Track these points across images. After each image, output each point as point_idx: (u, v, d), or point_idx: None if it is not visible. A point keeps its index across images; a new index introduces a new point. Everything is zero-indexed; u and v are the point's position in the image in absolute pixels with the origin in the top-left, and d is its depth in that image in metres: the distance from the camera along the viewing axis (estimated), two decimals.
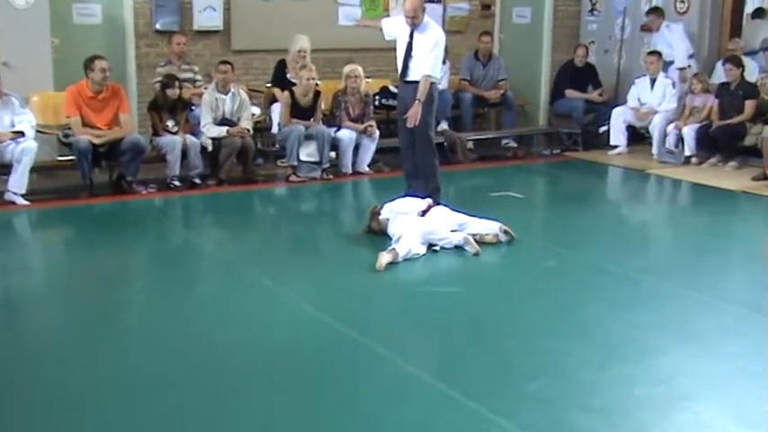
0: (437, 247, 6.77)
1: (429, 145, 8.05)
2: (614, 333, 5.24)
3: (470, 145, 11.42)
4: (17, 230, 7.98)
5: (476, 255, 6.59)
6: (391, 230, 6.96)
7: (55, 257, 7.24)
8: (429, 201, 7.27)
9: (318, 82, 10.66)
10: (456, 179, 9.70)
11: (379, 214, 7.09)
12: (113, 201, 8.71)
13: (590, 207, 8.79)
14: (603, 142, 11.63)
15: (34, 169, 9.05)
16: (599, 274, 6.38)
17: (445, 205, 7.41)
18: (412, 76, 7.90)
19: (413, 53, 7.88)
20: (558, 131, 12.09)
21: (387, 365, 4.70)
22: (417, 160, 8.08)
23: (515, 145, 11.83)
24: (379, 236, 7.04)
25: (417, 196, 7.46)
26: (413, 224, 6.85)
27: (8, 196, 8.34)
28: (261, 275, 6.16)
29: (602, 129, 11.76)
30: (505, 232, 7.14)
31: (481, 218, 7.23)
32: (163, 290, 6.13)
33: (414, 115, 7.75)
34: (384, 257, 6.35)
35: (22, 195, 8.34)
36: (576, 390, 4.45)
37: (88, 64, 8.70)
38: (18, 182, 8.30)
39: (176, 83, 9.14)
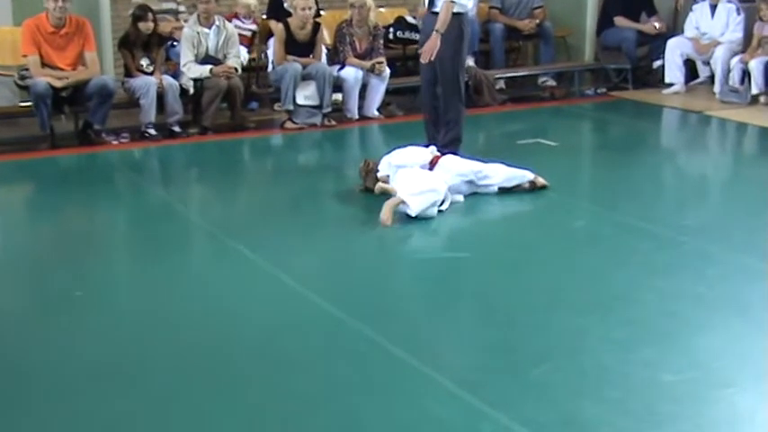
0: (444, 207, 6.56)
1: (456, 88, 7.70)
2: (645, 306, 5.02)
3: (501, 84, 11.19)
4: None
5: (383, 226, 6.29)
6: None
7: (3, 220, 7.13)
8: (433, 149, 7.04)
9: (323, 12, 10.49)
10: (481, 124, 9.47)
11: (377, 171, 6.88)
12: (78, 153, 8.61)
13: (635, 156, 8.50)
14: (659, 79, 11.32)
15: None
16: (635, 236, 6.14)
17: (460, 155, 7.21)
18: (438, 7, 7.54)
19: None
20: (604, 67, 11.76)
21: (369, 347, 4.51)
22: (440, 105, 7.82)
23: (554, 84, 11.54)
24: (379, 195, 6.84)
25: (420, 145, 7.24)
26: (419, 178, 6.63)
27: None
28: (239, 243, 5.96)
29: (657, 63, 11.46)
30: (532, 183, 6.97)
31: (509, 166, 7.05)
32: (128, 260, 6.03)
33: (430, 49, 7.41)
34: (388, 208, 6.25)
35: None
36: (590, 375, 4.25)
37: None
38: None
39: (149, 15, 8.95)
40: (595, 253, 5.90)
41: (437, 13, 7.51)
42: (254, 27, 10.18)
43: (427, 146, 7.19)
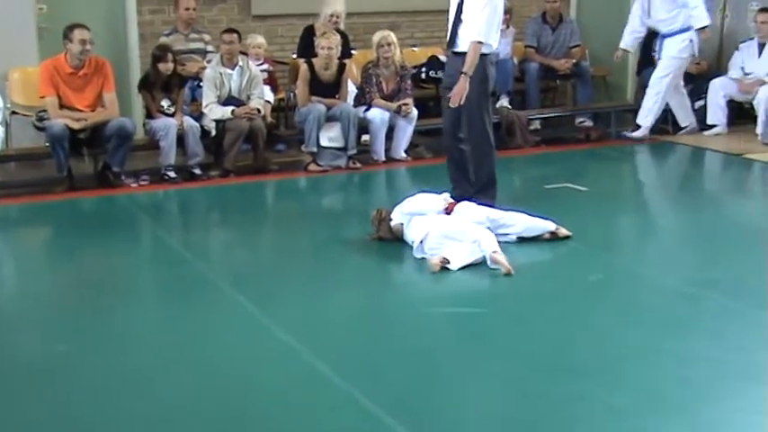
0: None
1: (484, 131, 7.46)
2: (653, 370, 4.66)
3: (537, 125, 10.89)
4: None
5: (507, 275, 6.01)
6: (410, 236, 6.49)
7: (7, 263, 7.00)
8: (446, 196, 6.76)
9: (354, 52, 10.31)
10: (510, 167, 9.14)
11: (390, 220, 6.63)
12: (96, 195, 8.43)
13: (667, 202, 8.15)
14: (700, 120, 10.91)
15: (15, 158, 8.99)
16: (653, 291, 5.80)
17: (479, 203, 6.92)
18: (461, 46, 7.29)
19: (462, 17, 7.26)
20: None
21: (356, 413, 4.23)
22: (468, 149, 7.57)
23: (590, 124, 11.21)
24: (393, 242, 6.60)
25: (432, 191, 6.98)
26: (437, 223, 6.37)
27: None
28: (241, 294, 5.72)
29: (699, 104, 11.05)
30: (553, 234, 6.67)
31: (532, 215, 6.76)
32: (122, 310, 5.66)
33: (459, 93, 7.17)
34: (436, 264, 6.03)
35: None
36: None
37: (66, 33, 8.43)
38: None
39: (169, 55, 8.80)
40: (609, 309, 5.55)
41: (459, 54, 7.27)
42: (266, 67, 9.96)
43: (440, 192, 6.91)
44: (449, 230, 6.30)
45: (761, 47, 10.70)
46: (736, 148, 9.96)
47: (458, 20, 7.29)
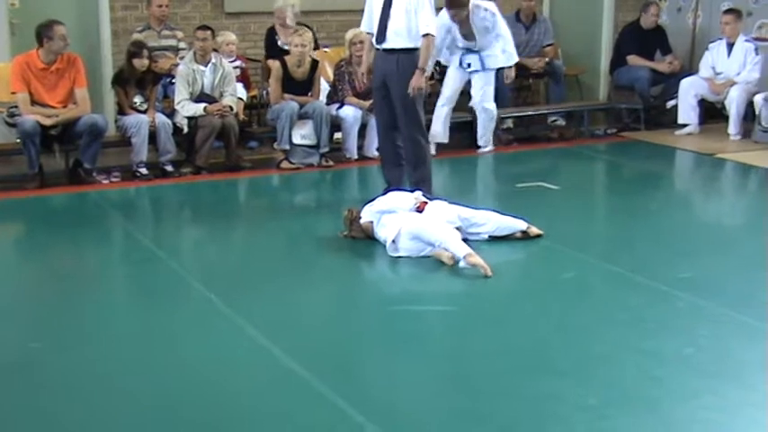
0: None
1: (418, 126, 7.51)
2: (627, 369, 4.65)
3: (509, 124, 10.89)
4: None
5: (485, 276, 5.96)
6: (381, 234, 6.47)
7: None
8: (418, 194, 6.73)
9: (327, 49, 10.29)
10: (482, 166, 9.18)
11: (360, 218, 6.60)
12: (67, 192, 8.39)
13: (639, 201, 8.11)
14: (672, 120, 10.95)
15: None
16: (626, 289, 5.79)
17: (442, 199, 6.91)
18: (392, 43, 7.32)
19: (391, 12, 7.26)
20: (616, 107, 11.43)
21: (328, 411, 4.20)
22: (402, 142, 7.59)
23: (563, 123, 11.21)
24: (365, 240, 6.60)
25: (401, 190, 6.95)
26: (407, 222, 6.33)
27: None
28: (212, 292, 5.67)
29: (671, 103, 11.10)
30: (524, 233, 6.66)
31: (504, 214, 6.75)
32: (93, 309, 5.62)
33: (416, 88, 7.26)
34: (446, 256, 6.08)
35: None
36: None
37: (45, 31, 8.31)
38: None
39: (144, 51, 8.74)
40: (582, 308, 5.54)
41: (389, 51, 7.33)
42: (239, 64, 9.90)
43: (411, 190, 6.89)
44: (417, 230, 6.26)
45: (729, 47, 10.73)
46: (707, 147, 9.98)
47: (386, 15, 7.29)
